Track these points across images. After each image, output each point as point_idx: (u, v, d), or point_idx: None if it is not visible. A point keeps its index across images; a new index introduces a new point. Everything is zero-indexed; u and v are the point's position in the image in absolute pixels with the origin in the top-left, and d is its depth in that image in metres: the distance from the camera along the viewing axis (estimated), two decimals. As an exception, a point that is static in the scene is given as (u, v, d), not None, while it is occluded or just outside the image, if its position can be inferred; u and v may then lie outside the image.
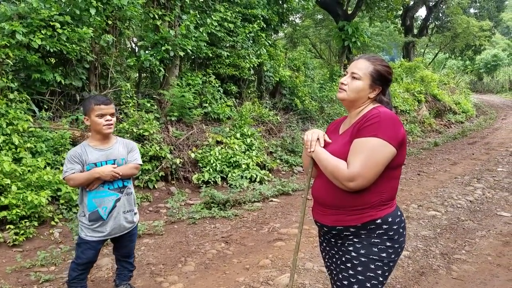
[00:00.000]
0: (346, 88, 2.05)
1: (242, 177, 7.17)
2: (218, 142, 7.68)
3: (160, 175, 6.61)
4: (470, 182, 7.58)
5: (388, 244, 1.95)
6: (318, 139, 2.08)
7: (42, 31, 5.72)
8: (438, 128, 15.66)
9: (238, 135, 7.99)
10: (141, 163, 3.14)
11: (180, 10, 8.14)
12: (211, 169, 7.03)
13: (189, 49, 7.75)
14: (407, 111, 14.40)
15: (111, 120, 2.86)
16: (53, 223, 4.98)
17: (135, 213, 3.14)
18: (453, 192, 6.87)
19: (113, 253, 3.31)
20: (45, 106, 6.26)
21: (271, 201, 6.44)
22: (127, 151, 3.04)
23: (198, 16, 8.24)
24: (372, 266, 1.93)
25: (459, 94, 21.93)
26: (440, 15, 26.03)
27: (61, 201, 5.20)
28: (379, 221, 1.94)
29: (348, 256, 1.98)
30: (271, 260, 4.19)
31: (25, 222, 4.69)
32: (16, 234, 4.52)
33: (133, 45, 8.87)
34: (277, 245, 4.64)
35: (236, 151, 7.51)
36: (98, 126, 2.84)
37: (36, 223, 4.79)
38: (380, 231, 1.95)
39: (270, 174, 7.73)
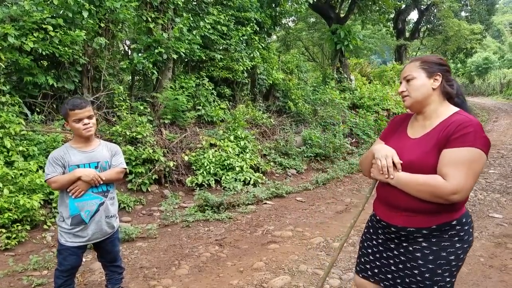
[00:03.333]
0: (407, 93, 2.00)
1: (235, 179, 7.17)
2: (212, 145, 7.67)
3: (153, 178, 6.58)
4: (462, 184, 7.62)
5: (457, 245, 1.93)
6: (394, 164, 1.94)
7: (34, 34, 5.70)
8: (430, 131, 15.73)
9: (231, 137, 7.99)
10: (126, 167, 3.07)
11: (173, 13, 8.13)
12: (204, 172, 7.02)
13: (183, 52, 7.74)
14: (400, 114, 14.47)
15: (89, 123, 2.77)
16: (45, 226, 4.95)
17: (116, 218, 3.07)
18: (445, 194, 6.91)
19: (98, 260, 3.24)
20: (37, 109, 6.22)
21: (265, 203, 6.44)
22: (111, 154, 2.97)
23: (191, 19, 8.24)
24: (439, 271, 1.92)
25: (451, 96, 22.05)
26: (432, 18, 26.21)
27: (54, 205, 5.17)
28: (454, 222, 1.91)
29: (414, 264, 1.95)
30: (265, 263, 4.19)
31: (17, 226, 4.65)
32: (8, 238, 4.49)
33: (126, 47, 8.85)
34: (271, 247, 4.64)
35: (230, 154, 7.51)
36: (77, 131, 2.78)
37: (28, 227, 4.76)
38: (453, 232, 1.92)
39: (264, 177, 7.73)
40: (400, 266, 2.02)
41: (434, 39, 26.05)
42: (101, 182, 2.83)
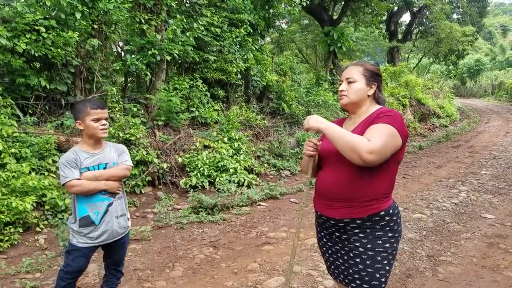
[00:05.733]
0: (346, 93, 2.21)
1: (229, 181, 7.16)
2: (206, 147, 7.66)
3: (147, 180, 6.56)
4: (455, 185, 7.69)
5: (390, 234, 2.12)
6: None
7: (26, 35, 5.66)
8: (422, 132, 15.86)
9: (225, 139, 7.99)
10: (132, 164, 3.08)
11: (167, 15, 8.12)
12: (198, 174, 7.01)
13: (176, 53, 7.73)
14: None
15: (106, 124, 2.82)
16: (38, 229, 4.91)
17: (128, 218, 3.06)
18: (438, 195, 6.96)
19: (103, 260, 3.21)
20: (29, 111, 6.18)
21: (259, 205, 6.45)
22: (118, 154, 2.98)
23: (185, 20, 8.23)
24: (379, 258, 2.09)
25: (443, 98, 22.25)
26: (424, 20, 26.37)
27: (46, 207, 5.13)
28: (382, 213, 2.10)
29: (356, 252, 2.12)
30: (259, 264, 4.20)
31: (10, 228, 4.61)
32: (0, 240, 4.45)
33: (119, 49, 8.82)
34: (265, 249, 4.64)
35: (224, 156, 7.50)
36: (93, 131, 2.77)
37: (21, 229, 4.72)
38: (383, 223, 2.11)
39: (258, 178, 7.73)
40: (345, 257, 2.18)
41: (426, 41, 26.21)
42: (121, 191, 2.94)
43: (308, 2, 11.70)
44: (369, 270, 2.09)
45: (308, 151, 2.22)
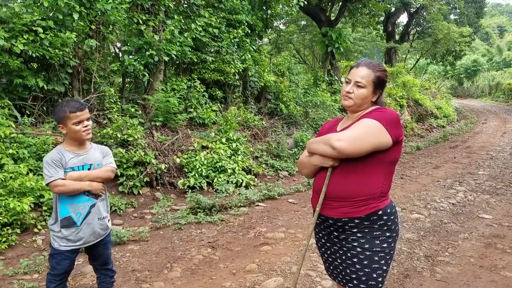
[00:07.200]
0: (352, 96, 2.20)
1: (227, 182, 7.16)
2: (204, 147, 7.66)
3: (145, 180, 6.55)
4: (452, 185, 7.70)
5: (387, 234, 2.14)
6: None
7: (24, 36, 5.65)
8: (420, 133, 15.88)
9: (223, 140, 7.98)
10: (115, 167, 3.06)
11: (165, 15, 8.11)
12: (196, 174, 7.00)
13: (174, 54, 7.72)
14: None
15: (88, 125, 2.77)
16: (36, 230, 4.90)
17: (109, 219, 3.02)
18: (435, 195, 6.98)
19: (89, 263, 3.20)
20: (27, 111, 6.17)
21: (257, 205, 6.45)
22: (103, 156, 2.96)
23: (183, 21, 8.22)
24: (376, 258, 2.11)
25: (440, 99, 22.29)
26: (421, 21, 26.46)
27: (44, 208, 5.12)
28: (380, 212, 2.12)
29: (353, 252, 2.14)
30: (257, 265, 4.20)
31: (7, 229, 4.60)
32: (-3, 242, 4.44)
33: (117, 50, 8.82)
34: (263, 249, 4.64)
35: (222, 156, 7.50)
36: (77, 134, 2.74)
37: (18, 230, 4.71)
38: (381, 222, 2.13)
39: (256, 179, 7.73)
40: (343, 257, 2.20)
41: (423, 41, 26.26)
42: (103, 193, 2.90)
43: (306, 3, 11.70)
44: (367, 270, 2.10)
45: (337, 163, 2.15)
